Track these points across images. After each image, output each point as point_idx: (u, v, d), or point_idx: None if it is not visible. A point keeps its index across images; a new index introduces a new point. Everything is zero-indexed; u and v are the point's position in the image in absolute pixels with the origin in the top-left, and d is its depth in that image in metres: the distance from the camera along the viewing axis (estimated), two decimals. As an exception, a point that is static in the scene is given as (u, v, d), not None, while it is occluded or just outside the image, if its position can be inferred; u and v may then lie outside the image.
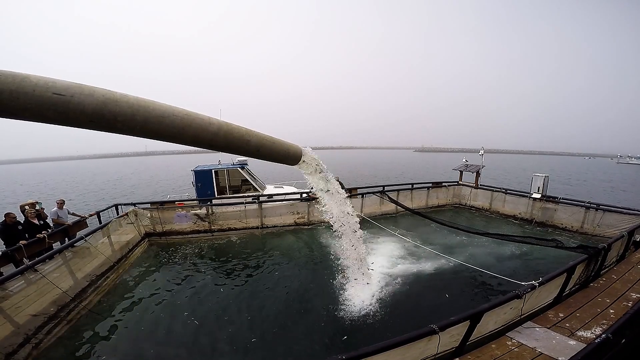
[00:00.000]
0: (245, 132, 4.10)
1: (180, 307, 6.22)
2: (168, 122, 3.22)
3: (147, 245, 9.74)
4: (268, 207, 11.15)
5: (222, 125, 3.75)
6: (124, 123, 2.95)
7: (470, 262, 7.28)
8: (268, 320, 5.73)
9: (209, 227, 10.53)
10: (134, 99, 3.02)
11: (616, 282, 5.26)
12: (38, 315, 5.13)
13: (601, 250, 5.22)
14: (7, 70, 2.41)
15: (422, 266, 7.84)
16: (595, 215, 9.95)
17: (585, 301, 4.73)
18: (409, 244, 9.03)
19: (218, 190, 12.35)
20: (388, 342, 3.08)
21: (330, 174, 6.38)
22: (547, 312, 4.49)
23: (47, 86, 2.49)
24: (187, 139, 3.51)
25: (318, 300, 6.36)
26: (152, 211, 10.10)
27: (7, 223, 6.36)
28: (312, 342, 5.08)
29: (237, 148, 4.12)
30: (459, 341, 3.68)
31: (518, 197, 12.29)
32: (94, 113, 2.74)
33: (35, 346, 4.85)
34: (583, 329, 4.01)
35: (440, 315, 5.58)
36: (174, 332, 5.46)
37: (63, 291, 5.73)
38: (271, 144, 4.58)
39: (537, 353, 3.58)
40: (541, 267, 7.73)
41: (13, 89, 2.35)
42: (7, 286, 4.89)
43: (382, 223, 10.39)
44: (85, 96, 2.67)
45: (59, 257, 6.16)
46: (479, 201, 13.92)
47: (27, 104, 2.43)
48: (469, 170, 14.37)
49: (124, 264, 8.03)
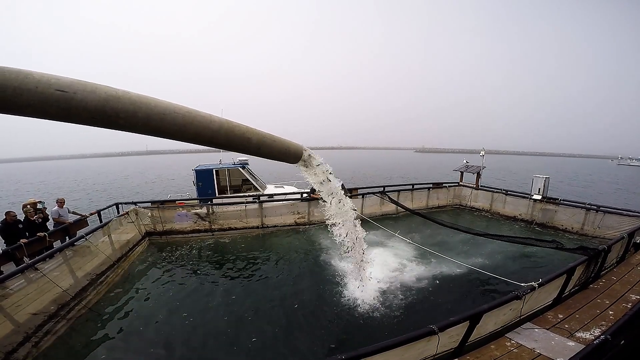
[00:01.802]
0: (246, 130, 4.11)
1: (180, 306, 6.22)
2: (170, 119, 3.23)
3: (147, 245, 9.75)
4: (268, 206, 11.16)
5: (223, 123, 3.77)
6: (126, 120, 2.97)
7: (470, 263, 7.28)
8: (268, 320, 5.73)
9: (210, 227, 10.54)
10: (136, 96, 3.03)
11: (616, 284, 5.27)
12: (38, 314, 5.14)
13: (601, 251, 5.22)
14: (11, 67, 2.44)
15: (422, 267, 7.84)
16: (596, 217, 9.95)
17: (584, 302, 4.73)
18: (409, 245, 9.03)
19: (219, 189, 12.37)
20: (387, 343, 3.08)
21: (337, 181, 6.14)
22: (547, 313, 4.50)
23: (49, 83, 2.52)
24: (189, 136, 3.53)
25: (318, 300, 6.36)
26: (153, 210, 10.11)
27: (8, 222, 6.38)
28: (312, 342, 5.09)
29: (238, 146, 4.13)
30: (459, 342, 3.69)
31: (518, 199, 12.30)
32: (97, 110, 2.76)
33: (35, 345, 4.85)
34: (582, 330, 4.01)
35: (439, 315, 5.59)
36: (174, 331, 5.46)
37: (63, 290, 5.74)
38: (272, 142, 4.59)
39: (536, 354, 3.59)
40: (541, 268, 7.73)
41: (16, 85, 2.37)
42: (8, 285, 4.91)
43: (383, 223, 10.38)
44: (88, 93, 2.70)
45: (60, 256, 6.18)
46: (479, 202, 13.92)
47: (30, 101, 2.45)
48: (469, 171, 14.38)
49: (124, 263, 8.04)
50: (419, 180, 26.06)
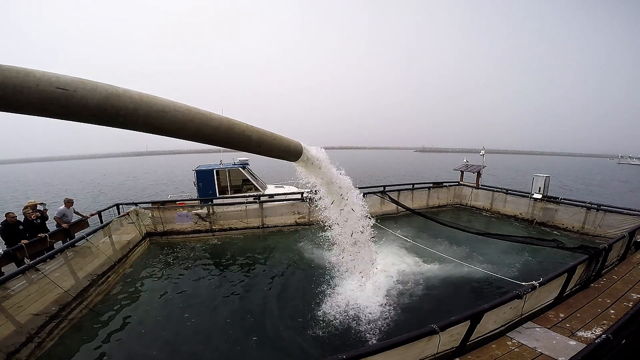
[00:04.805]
0: (246, 128, 4.11)
1: (180, 307, 6.23)
2: (170, 117, 3.25)
3: (148, 245, 9.76)
4: (269, 207, 11.17)
5: (222, 121, 3.77)
6: (126, 117, 2.99)
7: (471, 262, 7.29)
8: (269, 320, 5.73)
9: (210, 227, 10.55)
10: (136, 93, 3.05)
11: (617, 283, 5.27)
12: (40, 315, 5.15)
13: (602, 250, 5.22)
14: (12, 66, 2.49)
15: (422, 266, 7.84)
16: (596, 216, 9.94)
17: (585, 301, 4.73)
18: (409, 244, 9.04)
19: (219, 189, 12.39)
20: (388, 342, 3.09)
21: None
22: (548, 313, 4.49)
23: (50, 81, 2.55)
24: (189, 134, 3.54)
25: (319, 300, 6.35)
26: (153, 211, 10.13)
27: (8, 222, 6.39)
28: (313, 342, 5.08)
29: (238, 143, 4.13)
30: (460, 341, 3.69)
31: (519, 198, 12.30)
32: (97, 107, 2.79)
33: (37, 345, 4.86)
34: (583, 329, 4.01)
35: (440, 315, 5.59)
36: (175, 331, 5.46)
37: (64, 290, 5.74)
38: (272, 140, 4.59)
39: (537, 353, 3.59)
40: (542, 267, 7.73)
41: (17, 83, 2.42)
42: (9, 285, 4.92)
43: (383, 223, 10.39)
44: (88, 91, 2.72)
45: (61, 257, 6.19)
46: (479, 201, 13.92)
47: (30, 98, 2.49)
48: (469, 170, 14.37)
49: (124, 264, 8.05)
50: (419, 179, 26.06)
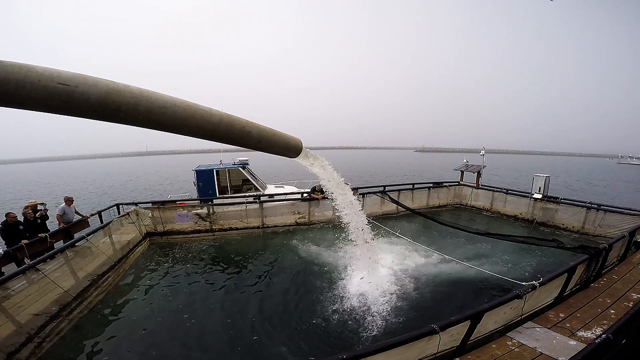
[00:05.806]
0: (246, 124, 4.12)
1: (180, 307, 6.22)
2: (170, 113, 3.26)
3: (148, 245, 9.76)
4: (269, 206, 11.17)
5: (223, 117, 3.78)
6: (127, 113, 3.01)
7: (471, 262, 7.29)
8: (270, 320, 5.73)
9: (210, 227, 10.54)
10: (137, 89, 3.07)
11: (617, 283, 5.27)
12: (40, 315, 5.15)
13: (602, 250, 5.22)
14: (14, 62, 2.51)
15: (422, 266, 7.83)
16: (597, 216, 9.94)
17: (585, 301, 4.73)
18: (410, 244, 9.04)
19: (219, 189, 12.39)
20: (388, 342, 3.09)
21: None
22: (548, 312, 4.49)
23: (52, 77, 2.58)
24: (189, 129, 3.55)
25: (319, 299, 6.35)
26: (153, 211, 10.12)
27: (9, 222, 6.39)
28: (313, 342, 5.09)
29: (238, 139, 4.13)
30: (460, 341, 3.69)
31: (519, 198, 12.29)
32: (98, 103, 2.81)
33: (37, 345, 4.86)
34: (583, 329, 4.01)
35: (440, 314, 5.60)
36: (175, 331, 5.46)
37: (65, 290, 5.74)
38: (272, 136, 4.59)
39: (537, 353, 3.59)
40: (542, 267, 7.73)
41: (19, 78, 2.44)
42: (9, 285, 4.91)
43: (383, 223, 10.40)
44: (89, 86, 2.75)
45: (61, 257, 6.18)
46: (479, 201, 13.92)
47: (32, 94, 2.52)
48: (469, 170, 14.37)
49: (125, 264, 8.05)
50: (419, 179, 26.07)
